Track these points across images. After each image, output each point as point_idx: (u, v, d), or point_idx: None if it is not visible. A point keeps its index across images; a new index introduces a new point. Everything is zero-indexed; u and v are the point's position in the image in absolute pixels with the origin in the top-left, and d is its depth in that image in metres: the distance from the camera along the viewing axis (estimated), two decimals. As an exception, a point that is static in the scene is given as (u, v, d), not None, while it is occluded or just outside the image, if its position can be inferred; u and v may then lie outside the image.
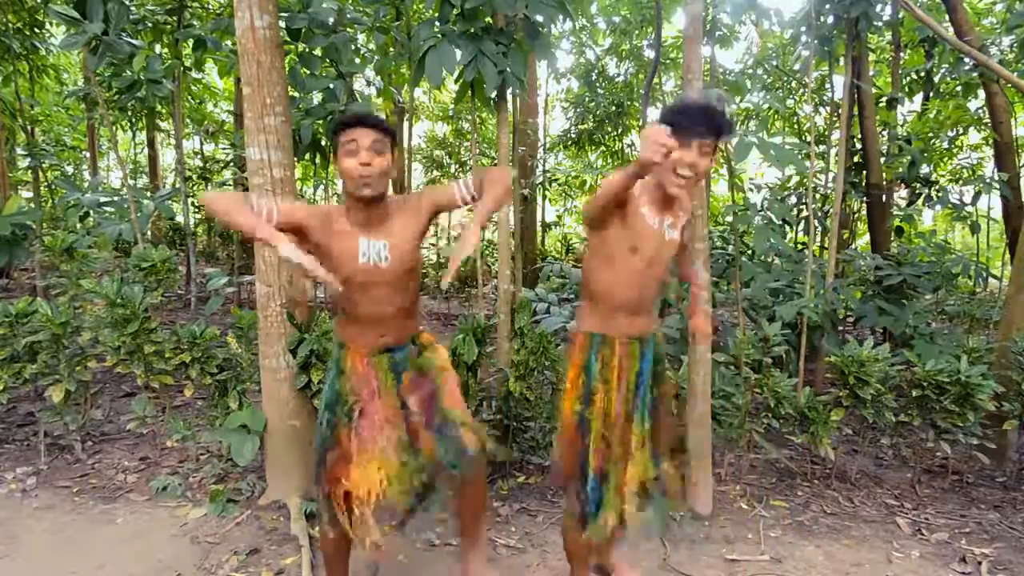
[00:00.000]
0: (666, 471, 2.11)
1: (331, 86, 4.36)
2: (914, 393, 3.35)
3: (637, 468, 2.05)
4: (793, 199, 6.57)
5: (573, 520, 2.11)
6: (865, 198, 6.39)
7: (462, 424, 2.02)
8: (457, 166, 10.66)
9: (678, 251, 2.13)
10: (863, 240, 8.73)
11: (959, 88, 6.68)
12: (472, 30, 3.39)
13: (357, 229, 1.91)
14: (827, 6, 4.38)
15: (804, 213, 6.39)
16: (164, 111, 8.97)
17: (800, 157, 4.59)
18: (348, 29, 4.61)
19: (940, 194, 6.28)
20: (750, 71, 8.73)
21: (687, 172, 1.85)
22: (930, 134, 6.39)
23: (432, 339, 2.14)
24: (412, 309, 2.07)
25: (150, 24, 5.62)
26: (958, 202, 5.97)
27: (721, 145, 1.93)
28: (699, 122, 1.84)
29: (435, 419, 2.02)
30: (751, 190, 6.47)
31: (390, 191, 1.98)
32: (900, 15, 6.23)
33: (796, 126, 9.02)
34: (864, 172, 6.21)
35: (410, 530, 2.27)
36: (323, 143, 4.70)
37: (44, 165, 8.00)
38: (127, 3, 4.66)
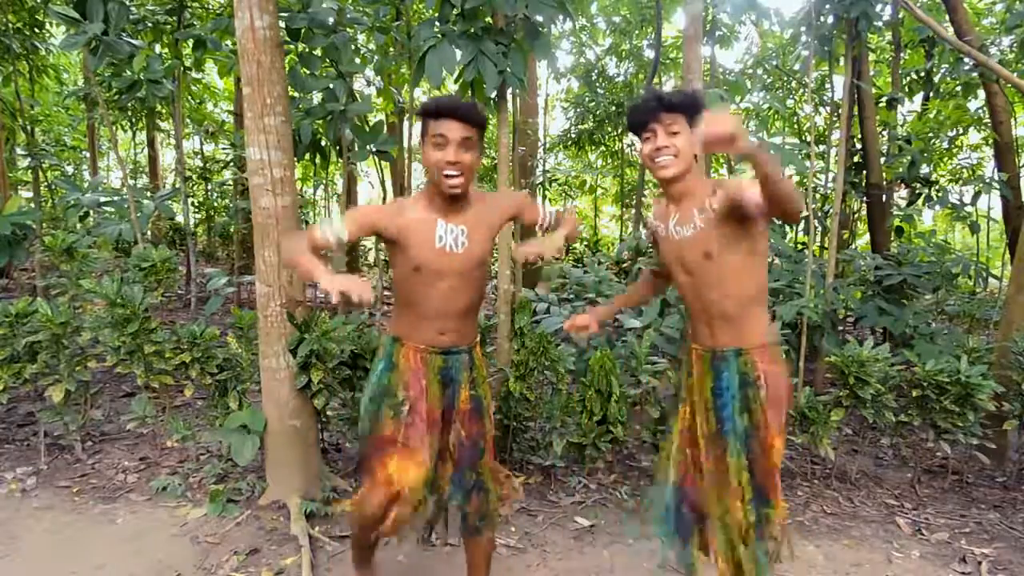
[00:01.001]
0: (768, 518, 1.84)
1: (331, 86, 4.36)
2: (914, 393, 3.35)
3: (734, 505, 1.83)
4: (793, 199, 6.55)
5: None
6: (865, 198, 6.38)
7: (487, 490, 2.04)
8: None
9: (733, 214, 1.76)
10: (863, 240, 8.73)
11: (959, 88, 6.68)
12: (472, 30, 3.38)
13: (436, 214, 1.88)
14: (827, 6, 4.38)
15: (804, 213, 6.39)
16: (164, 111, 8.98)
17: (800, 157, 4.59)
18: (348, 29, 4.61)
19: (940, 194, 6.29)
20: (750, 71, 8.73)
21: (662, 157, 1.82)
22: (930, 134, 6.39)
23: (482, 356, 2.11)
24: (475, 310, 2.02)
25: (150, 24, 5.62)
26: (958, 202, 5.98)
27: (691, 117, 1.81)
28: (644, 109, 1.85)
29: (465, 467, 2.01)
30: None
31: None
32: (900, 15, 6.24)
33: (796, 126, 9.02)
34: (864, 172, 6.21)
35: (433, 533, 2.29)
36: (323, 143, 4.70)
37: (44, 165, 8.00)
38: (127, 3, 4.66)
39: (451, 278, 1.89)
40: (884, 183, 6.26)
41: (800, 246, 7.19)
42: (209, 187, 9.16)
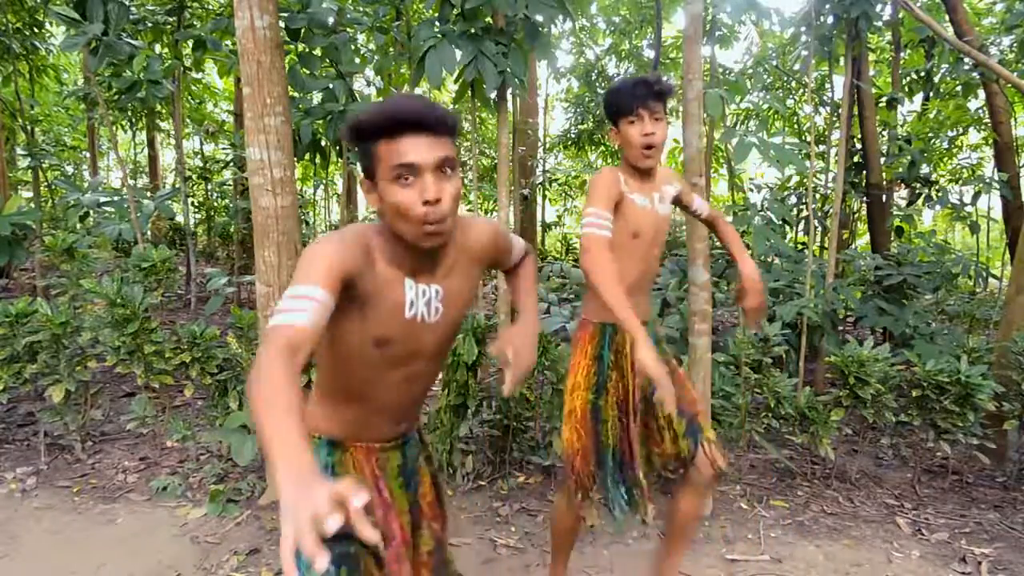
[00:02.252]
0: (707, 441, 2.05)
1: (331, 86, 4.36)
2: (914, 393, 3.35)
3: (674, 443, 2.07)
4: (793, 199, 6.57)
5: (568, 505, 2.19)
6: (865, 198, 6.39)
7: None
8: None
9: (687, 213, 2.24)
10: (863, 240, 8.74)
11: (959, 88, 6.69)
12: (472, 30, 3.39)
13: (401, 270, 1.26)
14: (827, 6, 4.38)
15: (804, 213, 6.39)
16: (164, 111, 8.99)
17: (800, 157, 4.59)
18: (348, 29, 4.61)
19: (940, 194, 6.29)
20: (750, 71, 8.74)
21: (649, 140, 1.97)
22: (930, 134, 6.40)
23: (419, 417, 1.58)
24: (432, 386, 1.49)
25: (150, 24, 5.62)
26: (958, 202, 5.98)
27: (666, 106, 2.03)
28: (636, 93, 1.95)
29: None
30: (751, 190, 6.47)
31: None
32: (900, 15, 6.24)
33: (796, 126, 9.03)
34: (864, 172, 6.21)
35: None
36: (323, 143, 4.70)
37: (44, 165, 8.00)
38: (127, 3, 4.66)
39: (420, 360, 1.33)
40: (884, 183, 6.26)
41: (800, 246, 7.19)
42: (209, 187, 9.16)
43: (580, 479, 2.14)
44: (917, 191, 6.34)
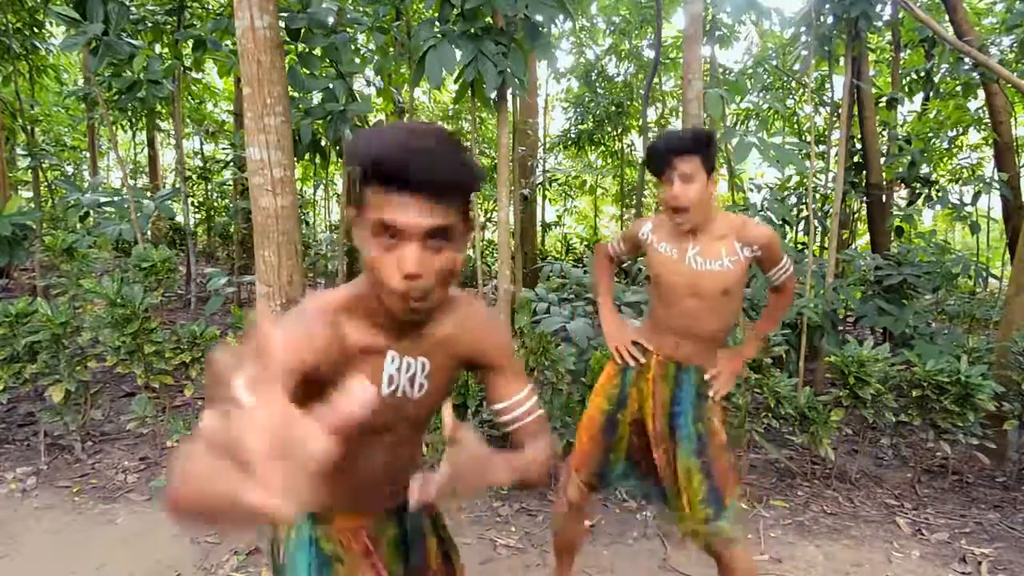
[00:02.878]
0: (726, 518, 1.93)
1: (331, 86, 4.36)
2: (914, 393, 3.35)
3: (687, 500, 1.95)
4: (793, 199, 6.57)
5: (568, 511, 2.18)
6: (865, 198, 6.39)
7: None
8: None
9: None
10: (863, 240, 8.74)
11: (959, 88, 6.69)
12: (472, 30, 3.39)
13: (381, 339, 1.08)
14: (827, 6, 4.38)
15: (804, 213, 6.39)
16: (164, 111, 8.99)
17: (800, 157, 4.59)
18: (348, 29, 4.61)
19: (940, 194, 6.29)
20: (750, 71, 8.73)
21: (673, 204, 1.90)
22: (930, 134, 6.40)
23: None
24: (422, 448, 1.35)
25: (150, 24, 5.62)
26: (958, 202, 5.98)
27: (707, 160, 1.89)
28: (658, 157, 1.91)
29: None
30: (751, 190, 6.47)
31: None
32: (900, 15, 6.24)
33: (796, 126, 9.03)
34: (864, 172, 6.22)
35: None
36: (323, 143, 4.70)
37: (44, 165, 8.00)
38: (127, 3, 4.66)
39: (401, 429, 1.17)
40: (884, 183, 6.27)
41: (800, 246, 7.20)
42: (209, 187, 9.16)
43: (580, 486, 2.14)
44: (917, 191, 6.34)
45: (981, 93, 6.39)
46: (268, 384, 0.56)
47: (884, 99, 6.74)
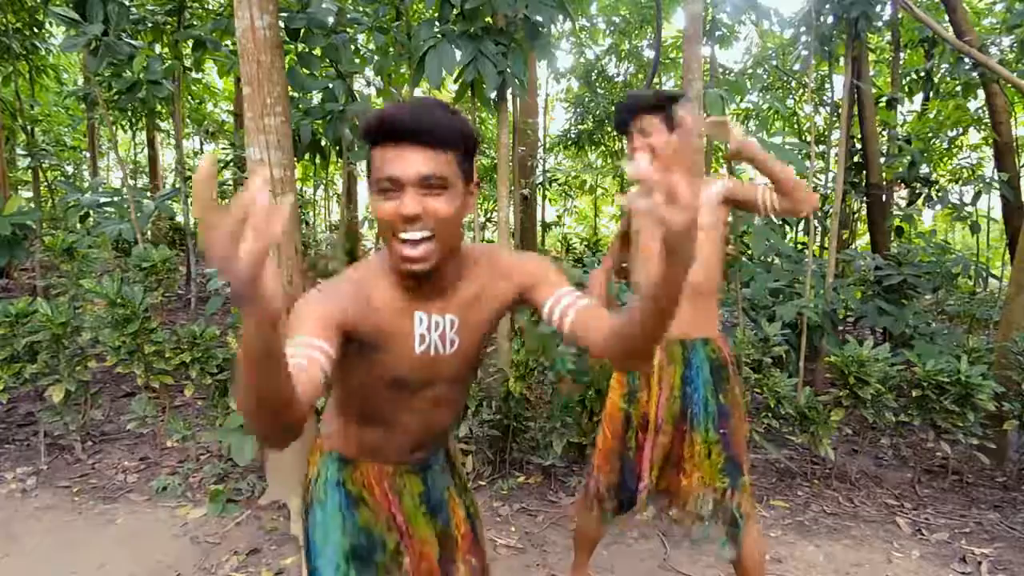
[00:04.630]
0: (743, 486, 2.00)
1: (331, 86, 4.36)
2: (914, 393, 3.35)
3: (701, 476, 1.99)
4: (793, 199, 6.55)
5: (585, 505, 2.19)
6: (865, 198, 6.39)
7: None
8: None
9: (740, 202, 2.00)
10: (863, 240, 8.74)
11: (959, 88, 6.69)
12: (472, 30, 3.38)
13: (408, 300, 1.15)
14: (827, 6, 4.38)
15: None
16: (164, 111, 8.98)
17: (800, 157, 4.59)
18: (348, 29, 4.61)
19: (940, 194, 6.29)
20: (750, 71, 8.73)
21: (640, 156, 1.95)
22: (930, 134, 6.40)
23: (455, 446, 1.56)
24: (461, 410, 1.40)
25: (150, 24, 5.62)
26: (958, 202, 5.98)
27: (668, 121, 1.92)
28: (619, 115, 1.99)
29: None
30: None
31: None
32: (900, 15, 6.24)
33: (796, 126, 9.03)
34: (864, 172, 6.22)
35: None
36: (323, 143, 4.70)
37: (44, 165, 8.01)
38: (127, 3, 4.66)
39: (438, 387, 1.23)
40: (884, 183, 6.27)
41: (800, 246, 7.19)
42: (209, 187, 9.13)
43: (599, 481, 2.14)
44: (917, 191, 6.34)
45: (981, 93, 6.39)
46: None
47: (884, 99, 6.74)
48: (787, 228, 6.24)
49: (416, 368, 1.17)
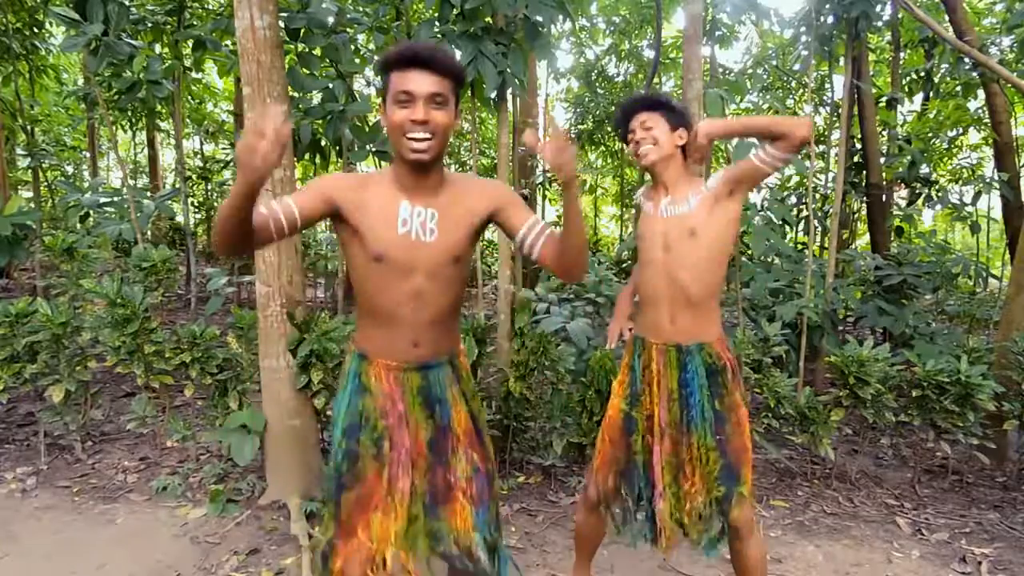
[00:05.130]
0: (738, 495, 1.96)
1: (331, 86, 4.36)
2: (914, 393, 3.35)
3: (698, 481, 1.99)
4: (793, 199, 6.57)
5: (585, 509, 2.20)
6: (865, 198, 6.39)
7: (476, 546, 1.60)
8: (457, 166, 10.66)
9: (736, 183, 1.96)
10: (863, 240, 8.74)
11: (959, 88, 6.69)
12: (472, 30, 3.38)
13: (400, 193, 1.51)
14: (827, 6, 4.38)
15: (804, 213, 6.39)
16: (164, 111, 8.99)
17: (800, 157, 4.59)
18: (348, 29, 4.61)
19: (940, 194, 6.29)
20: (750, 71, 8.74)
21: (642, 147, 2.00)
22: (930, 134, 6.40)
23: (467, 362, 1.76)
24: (454, 314, 1.64)
25: (150, 24, 5.61)
26: (958, 202, 5.98)
27: (668, 117, 2.00)
28: (621, 112, 2.08)
29: (487, 502, 1.63)
30: (751, 190, 6.47)
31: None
32: (900, 15, 6.24)
33: (796, 126, 9.01)
34: (864, 172, 6.22)
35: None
36: (323, 143, 4.70)
37: (44, 165, 8.00)
38: (127, 4, 4.66)
39: (419, 275, 1.51)
40: (884, 183, 6.27)
41: (800, 246, 7.20)
42: (209, 187, 9.16)
43: (599, 486, 2.14)
44: (917, 191, 6.34)
45: (981, 93, 6.39)
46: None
47: (884, 99, 6.74)
48: (787, 228, 6.24)
49: (397, 247, 1.49)
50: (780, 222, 5.14)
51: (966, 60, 6.06)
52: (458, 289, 1.60)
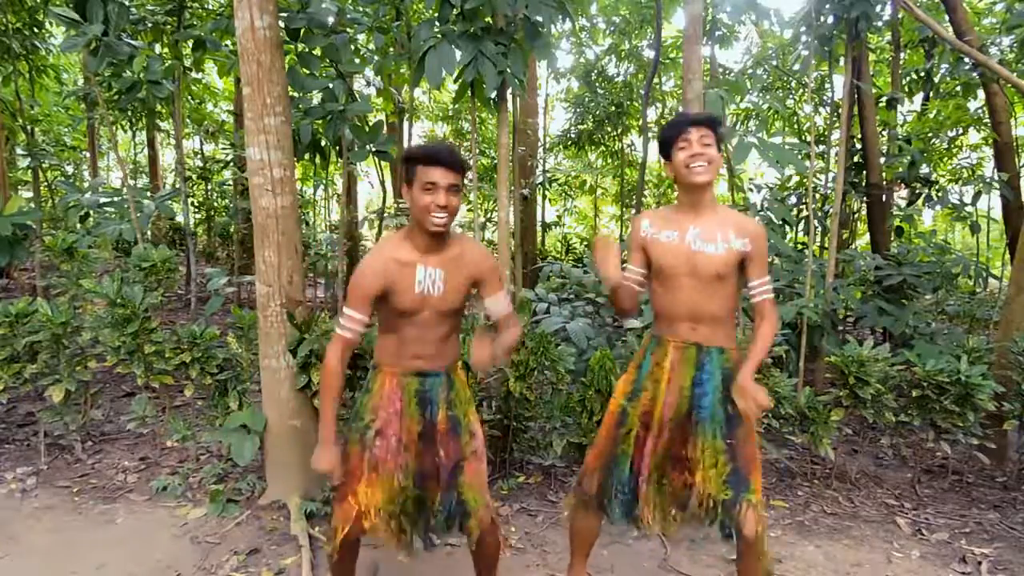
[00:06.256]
0: (747, 502, 1.97)
1: (331, 86, 4.35)
2: (914, 393, 3.35)
3: (706, 483, 2.00)
4: (793, 199, 6.57)
5: (580, 504, 2.22)
6: (865, 198, 6.39)
7: (472, 510, 2.02)
8: (457, 166, 10.63)
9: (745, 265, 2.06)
10: (863, 240, 8.73)
11: (959, 88, 6.69)
12: (472, 30, 3.39)
13: (416, 255, 1.95)
14: (827, 6, 4.38)
15: (804, 213, 6.39)
16: (164, 111, 8.99)
17: (800, 157, 4.59)
18: (348, 29, 4.61)
19: (940, 194, 6.29)
20: (750, 71, 8.74)
21: (698, 163, 1.98)
22: (930, 134, 6.40)
23: (464, 378, 2.15)
24: (453, 337, 2.07)
25: (150, 24, 5.61)
26: (958, 202, 5.98)
27: (717, 137, 2.03)
28: (679, 122, 2.06)
29: (449, 487, 2.03)
30: (751, 190, 6.47)
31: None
32: (900, 15, 6.24)
33: (796, 126, 9.02)
34: (864, 172, 6.21)
35: (428, 543, 2.16)
36: (323, 143, 4.70)
37: (44, 165, 8.00)
38: (127, 4, 4.65)
39: (427, 313, 1.97)
40: (884, 183, 6.26)
41: (800, 246, 7.19)
42: (209, 187, 9.16)
43: (587, 478, 2.16)
44: (917, 191, 6.34)
45: (981, 93, 6.39)
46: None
47: (884, 99, 6.74)
48: (787, 228, 6.23)
49: (415, 303, 1.95)
50: (780, 222, 5.15)
51: (966, 60, 6.06)
52: (456, 321, 2.06)
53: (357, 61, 5.27)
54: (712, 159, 2.00)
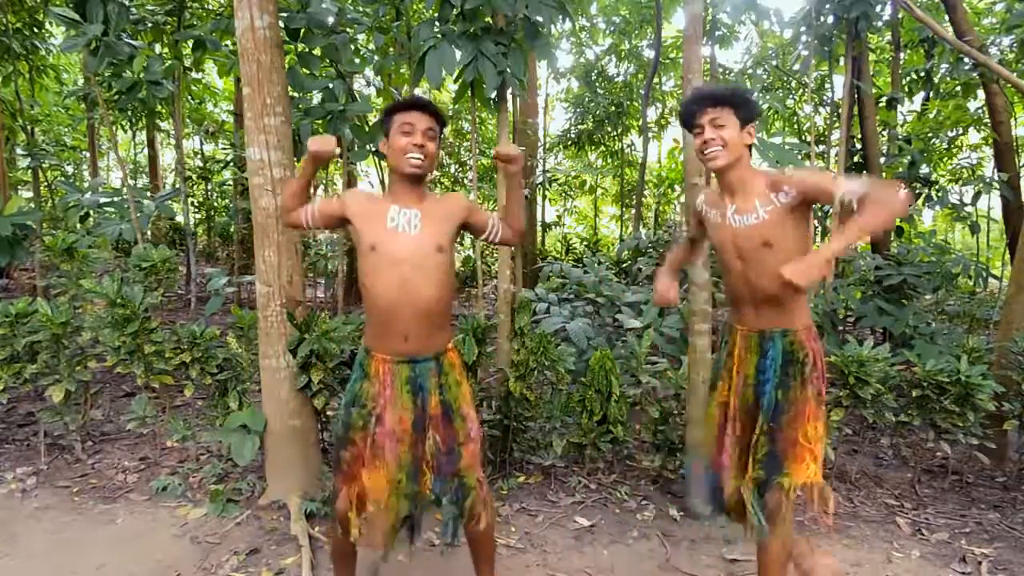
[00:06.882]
0: (778, 485, 1.97)
1: (331, 86, 4.36)
2: (914, 393, 3.35)
3: (752, 468, 2.01)
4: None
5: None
6: (865, 198, 6.37)
7: (470, 488, 2.03)
8: (457, 166, 10.67)
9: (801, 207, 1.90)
10: (863, 240, 8.72)
11: (959, 88, 6.69)
12: (472, 30, 3.39)
13: (390, 200, 1.98)
14: (827, 6, 4.38)
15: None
16: (164, 111, 8.99)
17: (800, 157, 4.59)
18: (348, 29, 4.61)
19: (940, 194, 6.29)
20: (750, 71, 8.74)
21: (710, 149, 1.96)
22: (930, 134, 6.40)
23: (456, 360, 2.09)
24: (443, 314, 2.00)
25: (150, 24, 5.61)
26: (958, 202, 5.98)
27: (738, 112, 1.94)
28: (690, 105, 2.03)
29: (444, 474, 2.02)
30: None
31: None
32: (900, 15, 6.24)
33: (796, 126, 9.02)
34: (864, 172, 6.21)
35: (415, 536, 2.18)
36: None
37: (44, 165, 7.99)
38: (127, 4, 4.66)
39: (406, 265, 1.91)
40: (884, 183, 6.26)
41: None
42: (209, 187, 9.16)
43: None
44: (917, 191, 6.34)
45: (981, 93, 6.39)
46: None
47: (884, 99, 6.74)
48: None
49: (386, 238, 1.92)
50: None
51: (966, 60, 6.06)
52: (444, 284, 1.97)
53: (357, 61, 5.27)
54: (727, 140, 1.92)
